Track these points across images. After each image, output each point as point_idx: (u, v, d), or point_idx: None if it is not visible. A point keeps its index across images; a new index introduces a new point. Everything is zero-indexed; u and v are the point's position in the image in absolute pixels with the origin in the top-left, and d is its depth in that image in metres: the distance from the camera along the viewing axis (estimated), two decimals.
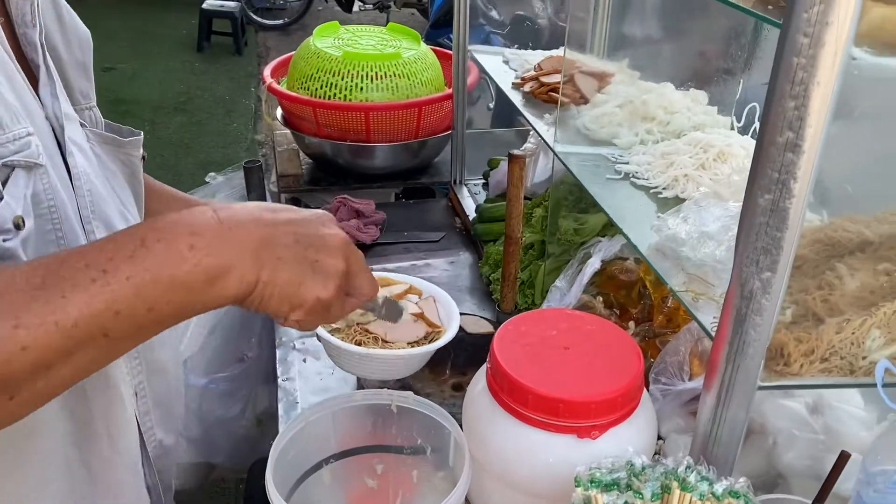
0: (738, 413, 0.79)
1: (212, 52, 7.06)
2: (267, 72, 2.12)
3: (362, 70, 1.92)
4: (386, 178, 2.09)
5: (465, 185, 2.06)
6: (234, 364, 1.69)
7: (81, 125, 0.84)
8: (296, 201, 2.04)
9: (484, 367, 0.93)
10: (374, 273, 0.79)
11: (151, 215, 0.98)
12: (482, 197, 1.98)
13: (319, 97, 1.94)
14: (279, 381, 1.38)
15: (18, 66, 0.74)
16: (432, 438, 0.97)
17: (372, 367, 0.99)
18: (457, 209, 2.00)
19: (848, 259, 0.85)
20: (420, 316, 1.05)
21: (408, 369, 1.02)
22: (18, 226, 0.68)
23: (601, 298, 1.38)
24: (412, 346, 1.00)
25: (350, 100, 1.92)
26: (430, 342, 1.01)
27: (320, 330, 0.98)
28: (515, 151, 1.32)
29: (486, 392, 0.89)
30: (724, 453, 0.82)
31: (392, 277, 1.12)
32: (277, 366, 1.42)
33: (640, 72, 1.59)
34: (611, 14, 1.81)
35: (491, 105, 3.54)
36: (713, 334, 0.80)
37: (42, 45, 0.79)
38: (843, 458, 0.82)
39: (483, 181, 2.07)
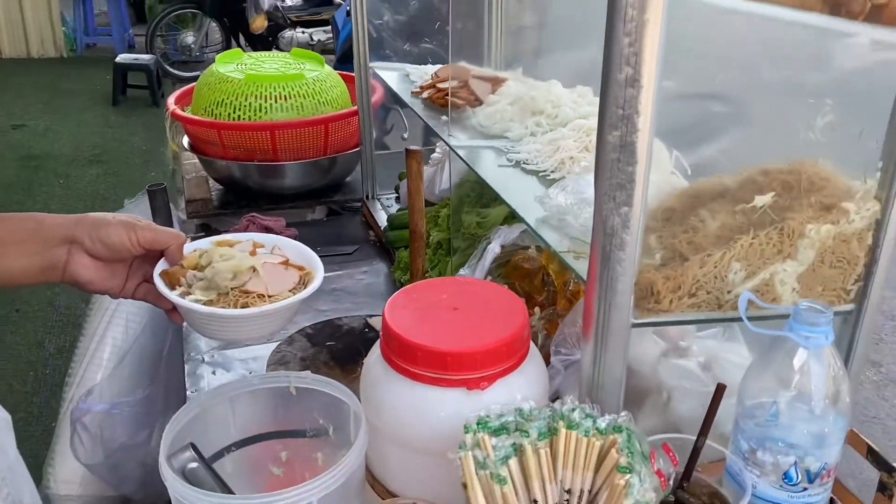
0: (617, 354, 0.82)
1: (128, 105, 6.97)
2: (171, 100, 2.11)
3: (266, 91, 1.95)
4: (298, 198, 2.10)
5: (378, 199, 2.09)
6: (138, 389, 1.65)
7: None
8: (206, 227, 2.03)
9: (379, 340, 0.94)
10: (211, 238, 0.88)
11: None
12: (395, 210, 2.01)
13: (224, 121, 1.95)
14: (187, 392, 1.36)
15: None
16: (333, 417, 0.97)
17: (273, 323, 1.00)
18: (370, 223, 2.02)
19: (710, 205, 0.90)
20: (286, 263, 1.05)
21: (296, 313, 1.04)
22: None
23: (507, 287, 1.41)
24: (295, 293, 0.99)
25: (255, 121, 1.94)
26: (304, 285, 1.02)
27: (197, 306, 0.96)
28: (412, 147, 1.35)
29: (379, 359, 0.90)
30: (608, 397, 0.85)
31: (231, 238, 1.09)
32: (186, 379, 1.40)
33: (534, 78, 1.66)
34: (504, 30, 1.90)
35: (405, 135, 3.60)
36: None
37: None
38: (720, 389, 0.86)
39: (395, 195, 2.11)
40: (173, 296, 0.98)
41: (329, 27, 7.88)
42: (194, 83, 2.14)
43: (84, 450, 1.60)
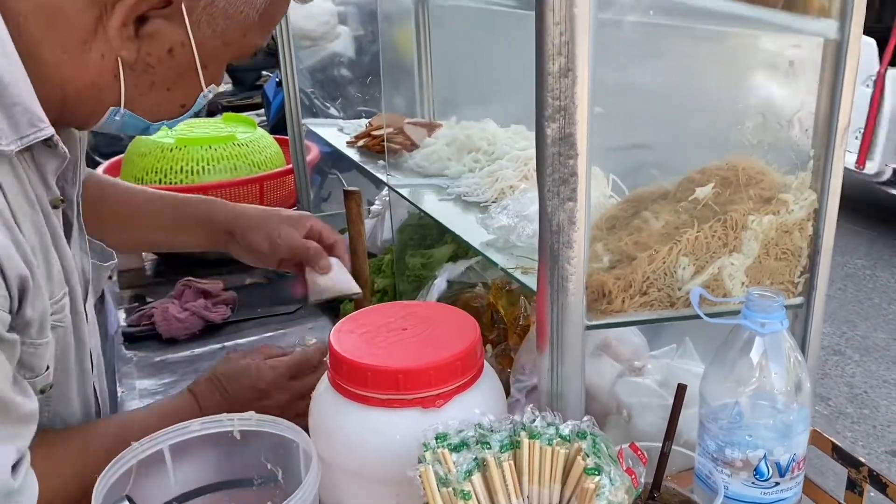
0: (574, 359, 0.80)
1: None
2: (100, 170, 2.06)
3: (198, 154, 1.91)
4: (235, 262, 2.03)
5: None
6: None
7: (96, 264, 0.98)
8: (139, 298, 1.95)
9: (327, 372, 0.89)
10: None
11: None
12: None
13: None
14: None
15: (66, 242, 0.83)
16: (282, 459, 0.91)
17: None
18: None
19: (652, 207, 0.90)
20: None
21: None
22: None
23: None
24: None
25: (187, 184, 1.90)
26: None
27: None
28: (350, 187, 1.33)
29: (328, 388, 0.85)
30: (569, 406, 0.82)
31: None
32: None
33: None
34: (434, 80, 1.93)
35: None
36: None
37: (78, 202, 0.88)
38: (681, 389, 0.84)
39: None
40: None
41: (262, 110, 7.95)
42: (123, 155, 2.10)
43: None
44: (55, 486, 0.84)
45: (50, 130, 0.73)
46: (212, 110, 7.89)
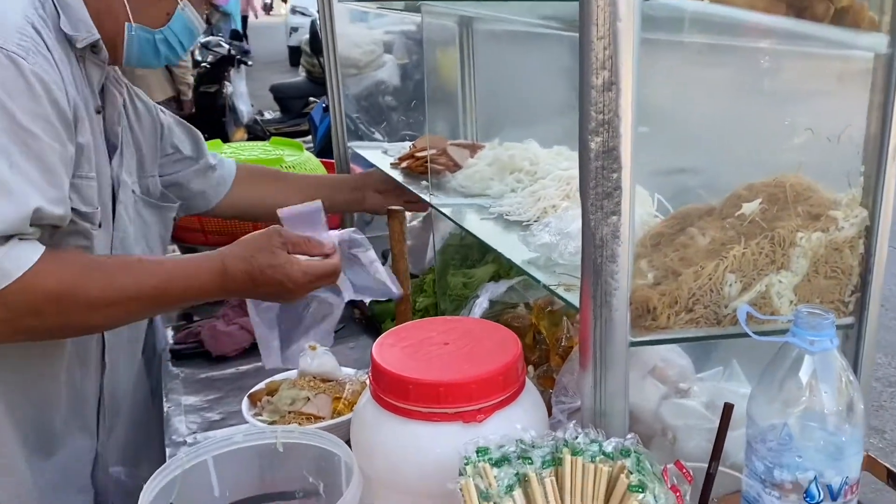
0: (617, 376, 0.79)
1: None
2: None
3: None
4: None
5: None
6: None
7: (132, 192, 1.28)
8: (187, 316, 1.99)
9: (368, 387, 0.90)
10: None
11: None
12: None
13: None
14: None
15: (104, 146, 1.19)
16: (324, 473, 0.91)
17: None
18: (354, 301, 1.99)
19: (698, 223, 0.89)
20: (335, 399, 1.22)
21: None
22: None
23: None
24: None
25: None
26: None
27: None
28: (394, 206, 1.35)
29: (370, 402, 0.85)
30: (612, 423, 0.81)
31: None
32: None
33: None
34: (478, 104, 1.95)
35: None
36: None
37: (120, 133, 1.24)
38: (728, 408, 0.82)
39: None
40: (249, 417, 1.18)
41: (309, 136, 8.09)
42: None
43: None
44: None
45: (97, 35, 1.10)
46: (260, 136, 8.04)
